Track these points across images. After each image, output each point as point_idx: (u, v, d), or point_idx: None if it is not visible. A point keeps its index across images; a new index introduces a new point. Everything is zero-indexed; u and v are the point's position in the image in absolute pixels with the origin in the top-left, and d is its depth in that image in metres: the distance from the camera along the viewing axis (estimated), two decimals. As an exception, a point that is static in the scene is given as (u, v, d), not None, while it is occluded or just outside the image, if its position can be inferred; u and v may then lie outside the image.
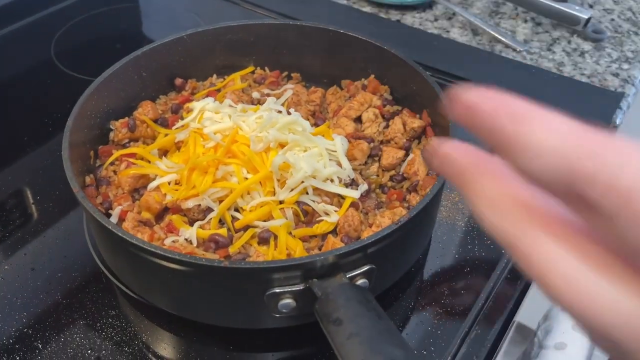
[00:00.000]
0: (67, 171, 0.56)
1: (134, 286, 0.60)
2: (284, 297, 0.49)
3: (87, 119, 0.66)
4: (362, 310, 0.44)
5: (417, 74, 0.69)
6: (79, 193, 0.54)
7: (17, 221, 0.70)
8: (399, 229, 0.51)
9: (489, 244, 0.67)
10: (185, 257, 0.49)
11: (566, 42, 0.98)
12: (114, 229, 0.51)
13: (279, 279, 0.48)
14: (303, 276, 0.49)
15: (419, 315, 0.60)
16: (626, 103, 0.86)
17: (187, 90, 0.77)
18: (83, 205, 0.54)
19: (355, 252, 0.49)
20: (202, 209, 0.60)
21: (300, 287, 0.49)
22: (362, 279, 0.50)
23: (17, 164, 0.78)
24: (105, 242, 0.58)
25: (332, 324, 0.43)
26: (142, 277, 0.57)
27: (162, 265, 0.50)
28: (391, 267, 0.58)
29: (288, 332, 0.57)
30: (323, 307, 0.45)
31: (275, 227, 0.57)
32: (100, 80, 0.67)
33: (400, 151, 0.68)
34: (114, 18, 1.06)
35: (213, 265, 0.48)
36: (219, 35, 0.77)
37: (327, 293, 0.46)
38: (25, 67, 0.96)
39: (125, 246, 0.51)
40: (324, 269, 0.49)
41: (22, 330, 0.58)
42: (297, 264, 0.48)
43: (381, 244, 0.51)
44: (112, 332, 0.59)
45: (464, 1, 1.08)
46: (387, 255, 0.54)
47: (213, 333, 0.59)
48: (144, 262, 0.51)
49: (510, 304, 0.61)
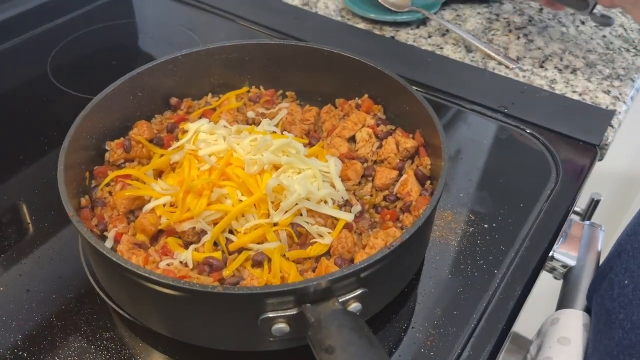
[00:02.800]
0: (62, 196, 0.56)
1: (129, 309, 0.60)
2: (277, 322, 0.49)
3: (83, 140, 0.66)
4: (354, 338, 0.44)
5: (410, 95, 0.69)
6: (73, 217, 0.55)
7: (12, 241, 0.70)
8: (391, 253, 0.52)
9: (482, 263, 0.67)
10: (178, 282, 0.49)
11: (558, 59, 0.99)
12: (108, 254, 0.51)
13: (272, 304, 0.49)
14: (296, 301, 0.49)
15: (411, 336, 0.61)
16: (617, 121, 0.87)
17: (183, 109, 0.77)
18: (78, 229, 0.54)
19: (348, 276, 0.50)
20: (197, 231, 0.61)
21: (293, 312, 0.49)
22: (355, 302, 0.51)
23: (12, 181, 0.78)
24: (100, 265, 0.58)
25: (324, 352, 0.43)
26: (136, 300, 0.57)
27: (156, 290, 0.50)
28: (384, 289, 0.58)
29: (282, 355, 0.57)
30: (315, 334, 0.46)
31: (269, 250, 0.58)
32: (96, 102, 0.67)
33: (393, 171, 0.69)
34: (110, 35, 1.07)
35: (206, 291, 0.49)
36: (214, 55, 0.77)
37: (320, 319, 0.47)
38: (22, 84, 0.96)
39: (120, 270, 0.51)
40: (317, 294, 0.49)
41: (17, 353, 0.58)
42: (290, 289, 0.48)
43: (374, 267, 0.51)
44: (107, 354, 0.59)
45: (457, 18, 1.09)
46: (380, 279, 0.54)
47: (208, 356, 0.59)
48: (138, 286, 0.52)
49: (503, 324, 0.62)
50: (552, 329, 0.66)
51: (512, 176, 0.79)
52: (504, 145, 0.84)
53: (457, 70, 0.96)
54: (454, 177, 0.79)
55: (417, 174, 0.67)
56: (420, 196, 0.65)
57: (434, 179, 0.67)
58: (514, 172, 0.80)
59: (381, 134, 0.73)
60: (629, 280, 0.57)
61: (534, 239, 0.70)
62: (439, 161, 0.62)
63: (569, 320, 0.66)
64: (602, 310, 0.60)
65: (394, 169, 0.69)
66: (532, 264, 0.68)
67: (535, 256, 0.68)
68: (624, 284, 0.57)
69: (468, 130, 0.87)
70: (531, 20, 1.09)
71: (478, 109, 0.89)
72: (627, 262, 0.59)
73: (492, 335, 0.60)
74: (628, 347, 0.54)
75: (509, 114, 0.87)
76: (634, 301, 0.55)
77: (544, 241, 0.70)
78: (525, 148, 0.83)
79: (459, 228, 0.72)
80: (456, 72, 0.96)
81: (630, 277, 0.57)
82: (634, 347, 0.54)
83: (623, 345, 0.55)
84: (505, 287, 0.65)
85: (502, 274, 0.66)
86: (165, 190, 0.64)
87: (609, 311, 0.58)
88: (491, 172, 0.80)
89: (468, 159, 0.82)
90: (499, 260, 0.67)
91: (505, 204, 0.75)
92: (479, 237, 0.70)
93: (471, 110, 0.89)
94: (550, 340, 0.65)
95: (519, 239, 0.70)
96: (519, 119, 0.86)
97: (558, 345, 0.63)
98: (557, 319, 0.67)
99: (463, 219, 0.73)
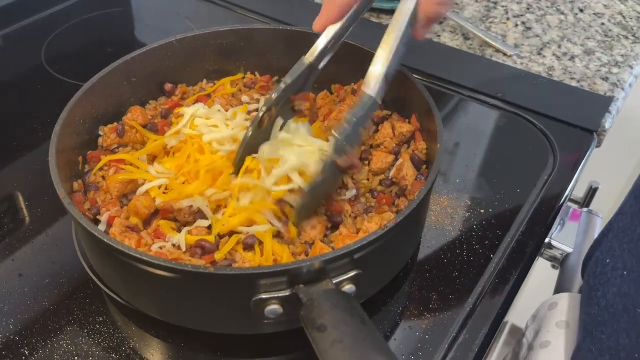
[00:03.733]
0: (53, 178, 0.56)
1: (122, 292, 0.60)
2: (270, 303, 0.49)
3: (75, 125, 0.66)
4: (346, 317, 0.44)
5: (406, 79, 0.69)
6: (65, 199, 0.54)
7: (5, 227, 0.69)
8: (385, 234, 0.51)
9: (478, 248, 0.67)
10: (171, 263, 0.48)
11: (556, 46, 0.98)
12: (100, 235, 0.51)
13: (265, 284, 0.48)
14: (289, 282, 0.49)
15: (407, 320, 0.60)
16: (615, 107, 0.86)
17: (177, 95, 0.77)
18: (69, 211, 0.53)
19: (342, 257, 0.49)
20: (193, 210, 0.60)
21: (286, 293, 0.49)
22: (348, 284, 0.50)
23: (6, 169, 0.78)
24: (93, 248, 0.58)
25: (316, 330, 0.43)
26: (129, 283, 0.57)
27: (148, 271, 0.50)
28: (378, 272, 0.58)
29: (276, 338, 0.57)
30: (308, 313, 0.45)
31: (260, 233, 0.57)
32: (89, 86, 0.67)
33: (389, 155, 0.68)
34: (106, 22, 1.06)
35: (198, 272, 0.48)
36: (209, 40, 0.77)
37: (312, 299, 0.46)
38: (16, 72, 0.95)
39: (112, 252, 0.51)
40: (310, 275, 0.48)
41: (9, 337, 0.58)
42: (283, 269, 0.48)
43: (368, 249, 0.51)
44: (100, 338, 0.58)
45: (455, 5, 1.08)
46: (374, 261, 0.54)
47: (201, 339, 0.59)
48: (130, 269, 0.51)
49: (498, 308, 0.61)
50: (550, 314, 0.66)
51: (509, 162, 0.79)
52: (501, 131, 0.84)
53: (454, 58, 0.96)
54: (450, 163, 0.78)
55: (413, 158, 0.66)
56: (415, 180, 0.65)
57: (429, 163, 0.67)
58: (511, 158, 0.80)
59: (377, 118, 0.72)
60: (610, 259, 0.57)
61: (530, 224, 0.70)
62: (435, 145, 0.62)
63: (567, 304, 0.65)
64: (586, 287, 0.61)
65: (390, 153, 0.69)
66: (529, 248, 0.67)
67: (531, 241, 0.68)
68: (605, 262, 0.57)
69: (465, 117, 0.86)
70: (529, 8, 1.08)
71: (475, 96, 0.88)
72: (612, 240, 0.59)
73: (488, 319, 0.60)
74: (600, 324, 0.54)
75: (507, 101, 0.87)
76: (611, 280, 0.55)
77: (541, 226, 0.70)
78: (523, 134, 0.83)
79: (455, 213, 0.71)
80: (453, 59, 0.95)
81: (612, 255, 0.57)
82: (605, 324, 0.54)
83: (597, 322, 0.55)
84: (501, 271, 0.65)
85: (498, 258, 0.66)
86: (160, 173, 0.63)
87: (590, 287, 0.58)
88: (488, 158, 0.80)
89: (465, 146, 0.81)
90: (495, 245, 0.67)
91: (502, 189, 0.74)
92: (475, 222, 0.70)
93: (468, 97, 0.88)
94: (548, 324, 0.64)
95: (516, 223, 0.70)
96: (517, 106, 0.86)
97: (556, 329, 0.63)
98: (555, 302, 0.66)
99: (459, 204, 0.72)
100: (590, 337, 0.56)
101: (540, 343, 0.63)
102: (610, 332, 0.53)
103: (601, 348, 0.53)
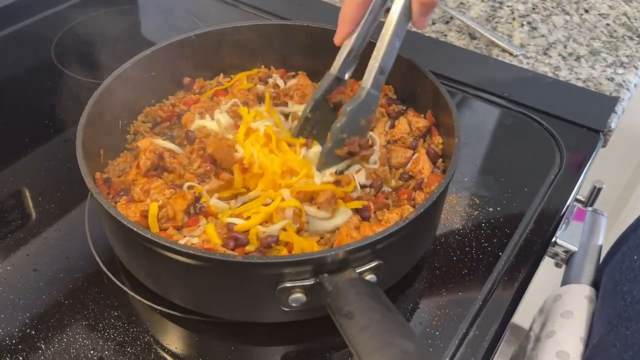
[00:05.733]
0: (82, 169, 0.56)
1: (148, 282, 0.60)
2: (294, 292, 0.50)
3: (97, 117, 0.66)
4: (373, 304, 0.45)
5: (423, 75, 0.70)
6: (94, 189, 0.55)
7: (18, 222, 0.70)
8: (407, 226, 0.52)
9: (487, 246, 0.68)
10: (200, 251, 0.50)
11: (562, 47, 0.99)
12: (130, 225, 0.51)
13: (290, 273, 0.50)
14: (314, 271, 0.50)
15: (417, 316, 0.61)
16: (621, 107, 0.87)
17: (195, 89, 0.78)
18: (98, 201, 0.54)
19: (365, 247, 0.50)
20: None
21: (311, 282, 0.50)
22: (370, 274, 0.51)
23: (17, 164, 0.78)
24: (120, 238, 0.59)
25: (344, 317, 0.44)
26: (157, 272, 0.58)
27: (177, 260, 0.51)
28: (398, 263, 0.59)
29: (289, 327, 0.58)
30: (335, 301, 0.46)
31: (285, 235, 0.58)
32: (111, 79, 0.67)
33: (408, 150, 0.69)
34: (114, 20, 1.07)
35: (227, 260, 0.49)
36: (227, 35, 0.78)
37: (338, 287, 0.47)
38: (26, 69, 0.96)
39: (142, 242, 0.52)
40: (334, 264, 0.50)
41: (25, 331, 0.59)
42: (309, 259, 0.49)
43: (390, 240, 0.52)
44: (115, 332, 0.59)
45: (462, 5, 1.09)
46: (395, 252, 0.55)
47: (218, 330, 0.59)
48: (159, 258, 0.52)
49: (507, 305, 0.62)
50: (555, 305, 0.67)
51: (516, 161, 0.80)
52: (508, 131, 0.85)
53: (461, 57, 0.96)
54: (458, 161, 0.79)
55: (429, 152, 0.68)
56: (432, 173, 0.66)
57: (445, 157, 0.68)
58: (518, 157, 0.81)
59: (393, 113, 0.74)
60: (638, 255, 0.58)
61: (538, 223, 0.71)
62: (451, 139, 0.63)
63: (571, 295, 0.66)
64: (610, 281, 0.61)
65: (409, 148, 0.70)
66: (537, 246, 0.68)
67: (539, 239, 0.69)
68: (633, 259, 0.58)
69: (472, 116, 0.87)
70: (535, 8, 1.09)
71: (482, 95, 0.89)
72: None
73: (498, 316, 0.61)
74: (626, 320, 0.55)
75: (513, 100, 0.87)
76: (639, 276, 0.56)
77: (548, 225, 0.71)
78: (529, 134, 0.83)
79: (464, 211, 0.72)
80: (460, 59, 0.96)
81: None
82: (631, 320, 0.55)
83: (622, 317, 0.56)
84: (509, 269, 0.65)
85: (506, 256, 0.66)
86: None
87: (616, 282, 0.59)
88: (495, 157, 0.81)
89: (472, 145, 0.82)
90: (504, 243, 0.68)
91: (510, 188, 0.75)
92: (484, 220, 0.71)
93: (475, 96, 0.89)
94: (553, 315, 0.65)
95: (524, 222, 0.70)
96: (523, 105, 0.87)
97: (561, 319, 0.64)
98: (560, 295, 0.67)
99: (467, 202, 0.73)
100: (615, 332, 0.56)
101: (547, 334, 0.64)
102: (635, 329, 0.54)
103: (625, 344, 0.54)
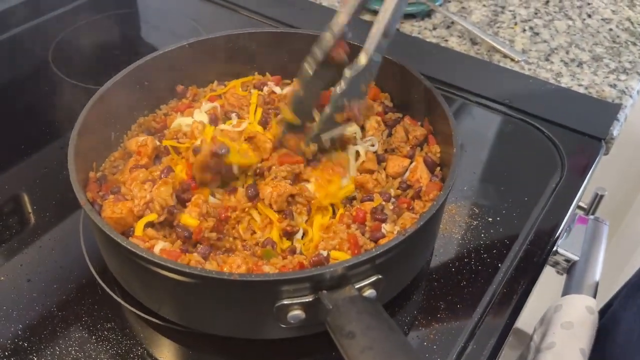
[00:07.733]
0: (74, 185, 0.56)
1: (142, 298, 0.59)
2: (293, 309, 0.49)
3: (91, 128, 0.65)
4: (374, 323, 0.44)
5: (420, 83, 0.69)
6: (86, 206, 0.54)
7: (13, 231, 0.69)
8: (406, 239, 0.52)
9: (486, 257, 0.67)
10: (195, 269, 0.49)
11: (564, 52, 0.98)
12: (123, 243, 0.51)
13: (288, 290, 0.49)
14: (312, 288, 0.49)
15: (415, 330, 0.60)
16: (623, 114, 0.86)
17: (188, 97, 0.77)
18: (92, 218, 0.53)
19: (364, 263, 0.50)
20: None
21: (309, 299, 0.49)
22: (370, 289, 0.51)
23: (13, 171, 0.77)
24: (113, 254, 0.58)
25: (345, 337, 0.43)
26: (151, 289, 0.57)
27: (172, 278, 0.50)
28: (397, 277, 0.58)
29: (285, 343, 0.57)
30: (335, 320, 0.45)
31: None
32: (104, 90, 0.67)
33: (405, 159, 0.69)
34: (113, 24, 1.06)
35: (223, 278, 0.48)
36: (221, 44, 0.77)
37: (338, 305, 0.47)
38: (23, 74, 0.95)
39: (135, 259, 0.51)
40: (333, 281, 0.49)
41: (18, 343, 0.58)
42: (307, 276, 0.48)
43: (389, 254, 0.51)
44: (108, 344, 0.58)
45: (463, 10, 1.08)
46: (394, 266, 0.54)
47: (213, 344, 0.58)
48: (153, 275, 0.51)
49: (506, 319, 0.61)
50: (556, 316, 0.66)
51: (517, 170, 0.79)
52: (508, 138, 0.84)
53: (462, 63, 0.95)
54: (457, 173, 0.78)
55: (427, 160, 0.67)
56: (430, 182, 0.65)
57: (443, 165, 0.67)
58: (518, 165, 0.80)
59: (390, 121, 0.73)
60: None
61: (538, 233, 0.70)
62: (449, 148, 0.62)
63: (572, 306, 0.66)
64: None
65: (405, 157, 0.69)
66: (537, 257, 0.67)
67: (539, 250, 0.68)
68: None
69: (472, 122, 0.86)
70: (537, 13, 1.08)
71: (483, 102, 0.88)
72: None
73: (496, 330, 0.60)
74: None
75: (514, 107, 0.86)
76: None
77: (549, 235, 0.70)
78: (530, 141, 0.82)
79: (463, 221, 0.71)
80: (461, 64, 0.95)
81: None
82: None
83: None
84: (509, 281, 0.64)
85: (506, 267, 0.66)
86: None
87: None
88: (495, 165, 0.80)
89: (472, 152, 0.81)
90: (503, 254, 0.67)
91: (510, 197, 0.74)
92: (483, 231, 0.70)
93: (476, 103, 0.88)
94: (554, 326, 0.64)
95: (524, 232, 0.70)
96: (524, 112, 0.86)
97: (561, 330, 0.63)
98: (560, 305, 0.66)
99: (467, 212, 0.72)
100: None
101: (547, 345, 0.63)
102: None
103: None
